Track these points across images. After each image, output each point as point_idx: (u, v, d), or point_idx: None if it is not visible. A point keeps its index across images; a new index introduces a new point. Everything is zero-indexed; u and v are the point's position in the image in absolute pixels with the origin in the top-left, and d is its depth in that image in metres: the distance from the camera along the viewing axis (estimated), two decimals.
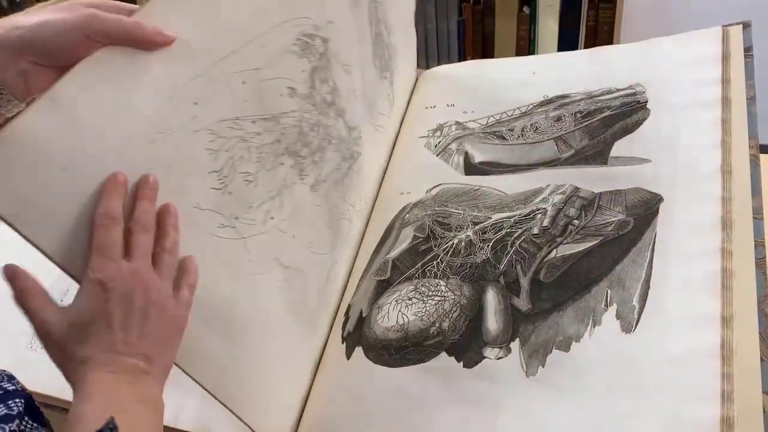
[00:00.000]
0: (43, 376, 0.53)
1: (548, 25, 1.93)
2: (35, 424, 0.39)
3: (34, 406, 0.40)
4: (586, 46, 1.89)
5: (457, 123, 0.77)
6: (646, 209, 0.60)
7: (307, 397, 0.60)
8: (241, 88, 0.48)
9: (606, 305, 0.55)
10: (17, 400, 0.39)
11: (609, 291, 0.56)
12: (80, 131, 0.38)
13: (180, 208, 0.43)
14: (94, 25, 0.39)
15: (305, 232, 0.56)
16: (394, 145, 0.79)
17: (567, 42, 1.93)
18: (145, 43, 0.41)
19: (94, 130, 0.38)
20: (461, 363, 0.56)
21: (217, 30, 0.46)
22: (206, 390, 0.47)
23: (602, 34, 1.89)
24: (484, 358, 0.56)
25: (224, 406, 0.49)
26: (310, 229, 0.56)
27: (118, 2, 0.44)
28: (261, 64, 0.50)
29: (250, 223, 0.49)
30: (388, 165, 0.77)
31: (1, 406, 0.38)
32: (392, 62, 0.74)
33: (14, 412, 0.38)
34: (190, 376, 0.46)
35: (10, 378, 0.40)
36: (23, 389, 0.40)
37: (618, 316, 0.54)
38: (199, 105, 0.45)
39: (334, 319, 0.64)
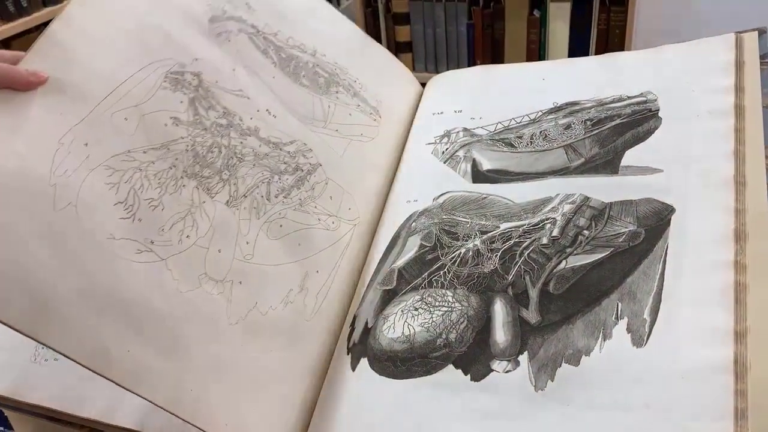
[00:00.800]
0: (48, 390, 0.54)
1: (559, 28, 1.93)
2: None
3: None
4: (598, 50, 1.88)
5: (465, 130, 0.77)
6: (657, 220, 0.60)
7: (313, 408, 0.59)
8: (125, 124, 0.55)
9: (617, 318, 0.54)
10: None
11: (620, 304, 0.55)
12: None
13: (95, 241, 0.48)
14: None
15: (234, 246, 0.58)
16: (402, 152, 0.79)
17: (578, 46, 1.92)
18: (21, 83, 0.46)
19: None
20: (468, 376, 0.55)
21: (90, 77, 0.54)
22: (160, 407, 0.48)
23: (613, 37, 1.88)
24: (492, 371, 0.55)
25: (186, 422, 0.49)
26: (242, 242, 0.59)
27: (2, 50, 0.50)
28: (138, 101, 0.57)
29: (166, 244, 0.53)
30: (395, 172, 0.77)
31: None
32: (341, 77, 0.77)
33: None
34: (137, 394, 0.47)
35: None
36: None
37: (629, 330, 0.53)
38: (90, 145, 0.51)
39: (341, 329, 0.64)
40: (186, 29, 0.65)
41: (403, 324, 0.60)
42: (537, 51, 1.95)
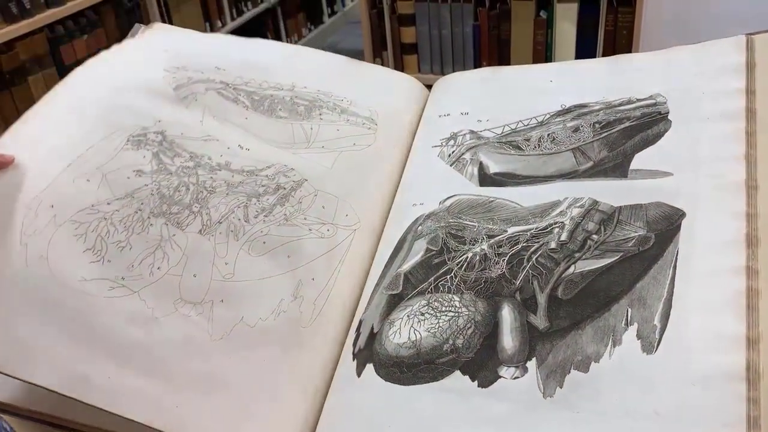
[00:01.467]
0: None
1: (566, 30, 1.92)
2: None
3: None
4: (605, 52, 1.87)
5: (472, 132, 0.76)
6: (667, 225, 0.59)
7: (318, 415, 0.59)
8: (88, 185, 0.62)
9: (626, 324, 0.54)
10: None
11: (630, 309, 0.55)
12: None
13: (68, 286, 0.55)
14: None
15: (210, 269, 0.62)
16: (407, 155, 0.79)
17: (585, 47, 1.92)
18: None
19: None
20: (476, 382, 0.55)
21: (52, 151, 0.63)
22: (141, 423, 0.52)
23: (621, 39, 1.88)
24: (500, 377, 0.55)
25: None
26: (220, 264, 0.62)
27: None
28: (100, 164, 0.64)
29: (137, 278, 0.59)
30: (401, 175, 0.77)
31: None
32: (325, 101, 0.81)
33: None
34: (116, 414, 0.52)
35: None
36: None
37: (639, 336, 0.53)
38: (56, 206, 0.59)
39: (345, 334, 0.64)
40: (150, 100, 0.72)
41: (410, 329, 0.60)
42: (543, 52, 1.94)
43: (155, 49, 0.81)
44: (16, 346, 0.53)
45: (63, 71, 2.08)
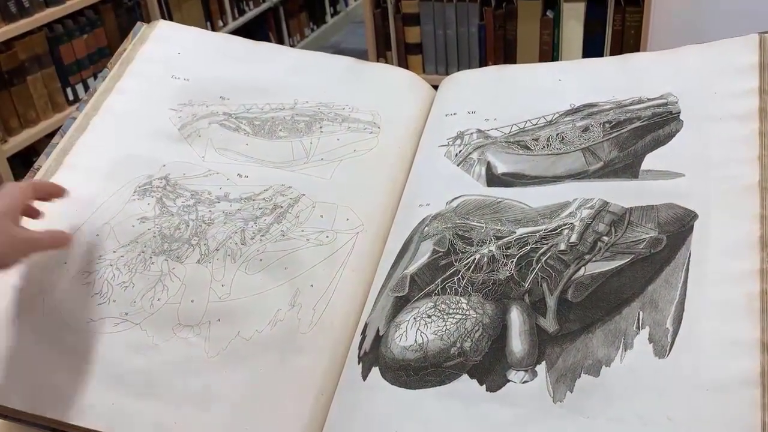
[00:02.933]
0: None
1: (573, 29, 1.92)
2: None
3: None
4: (612, 52, 1.87)
5: (479, 131, 0.76)
6: (679, 227, 0.59)
7: (324, 419, 0.59)
8: (97, 239, 0.69)
9: (638, 328, 0.54)
10: None
11: (641, 312, 0.54)
12: None
13: (78, 328, 0.64)
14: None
15: (207, 293, 0.66)
16: (413, 156, 0.79)
17: (592, 47, 1.91)
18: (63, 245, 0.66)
19: None
20: (484, 386, 0.55)
21: (65, 217, 0.70)
22: None
23: (629, 39, 1.87)
24: (509, 381, 0.54)
25: None
26: (217, 287, 0.67)
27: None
28: (107, 220, 0.71)
29: (139, 311, 0.65)
30: (407, 176, 0.77)
31: None
32: (326, 113, 0.83)
33: None
34: None
35: None
36: None
37: (651, 340, 0.53)
38: (68, 263, 0.67)
39: (350, 337, 0.63)
40: (156, 145, 0.78)
41: (416, 332, 0.59)
42: (550, 52, 1.94)
43: (165, 68, 0.86)
44: (31, 387, 0.61)
45: (62, 71, 2.08)
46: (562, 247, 0.61)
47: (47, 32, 2.06)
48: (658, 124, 0.68)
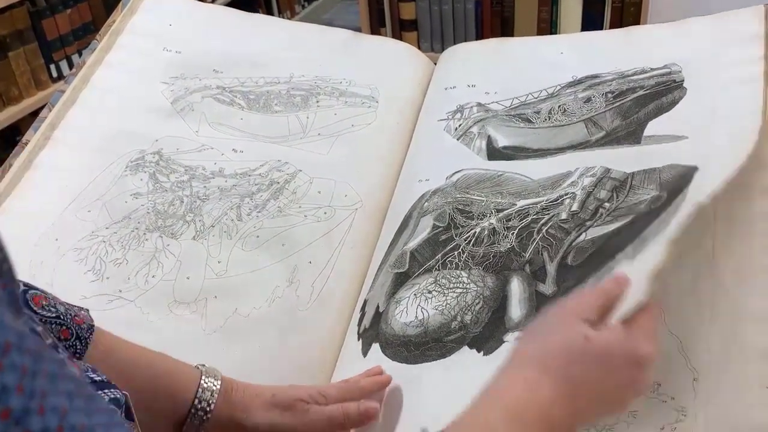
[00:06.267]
0: None
1: (571, 5, 1.91)
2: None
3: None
4: (612, 28, 1.86)
5: (479, 104, 0.76)
6: (681, 182, 0.59)
7: None
8: (89, 215, 0.69)
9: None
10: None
11: (632, 252, 0.55)
12: None
13: (71, 301, 0.59)
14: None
15: (204, 270, 0.66)
16: (412, 130, 0.79)
17: (591, 24, 1.91)
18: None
19: None
20: (482, 353, 0.55)
21: (57, 193, 0.70)
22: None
23: (628, 15, 1.87)
24: (504, 342, 0.55)
25: None
26: (213, 264, 0.67)
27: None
28: (100, 194, 0.71)
29: (133, 288, 0.65)
30: (406, 150, 0.77)
31: (107, 390, 0.39)
32: (322, 86, 0.83)
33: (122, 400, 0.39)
34: None
35: (94, 369, 0.41)
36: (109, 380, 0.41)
37: None
38: (60, 239, 0.67)
39: (350, 314, 0.64)
40: (147, 119, 0.78)
41: (417, 307, 0.60)
42: (548, 29, 1.93)
43: (156, 40, 0.85)
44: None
45: (45, 47, 2.06)
46: (564, 216, 0.61)
47: (29, 6, 2.03)
48: (662, 92, 0.68)
